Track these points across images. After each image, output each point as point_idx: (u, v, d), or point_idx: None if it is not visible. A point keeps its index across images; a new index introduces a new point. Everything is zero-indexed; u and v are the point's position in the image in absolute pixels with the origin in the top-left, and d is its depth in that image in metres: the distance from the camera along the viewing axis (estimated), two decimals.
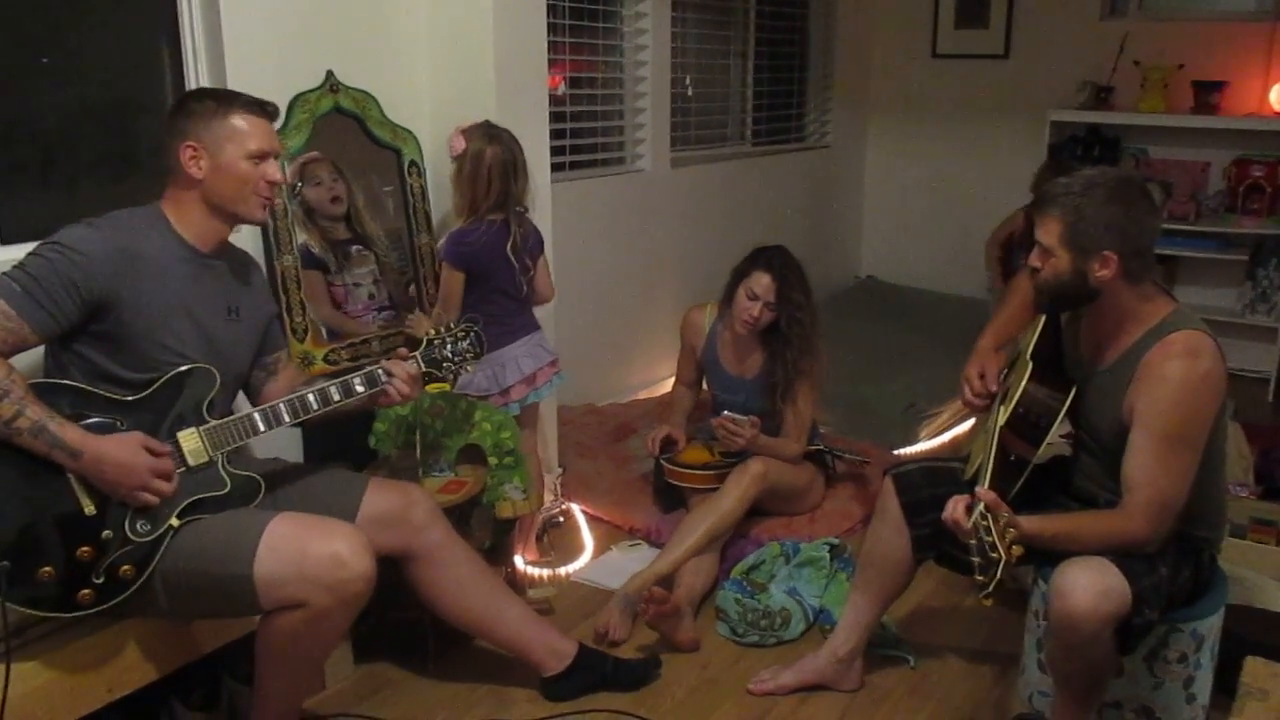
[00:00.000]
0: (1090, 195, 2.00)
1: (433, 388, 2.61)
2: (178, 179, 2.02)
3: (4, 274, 1.86)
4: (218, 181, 2.00)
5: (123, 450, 1.87)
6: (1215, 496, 2.17)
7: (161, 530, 1.93)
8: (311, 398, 2.07)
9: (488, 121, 2.87)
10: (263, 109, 2.05)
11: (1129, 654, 2.11)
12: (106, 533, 1.88)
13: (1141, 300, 2.06)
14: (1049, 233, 2.04)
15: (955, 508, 1.89)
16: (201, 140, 1.98)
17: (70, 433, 1.83)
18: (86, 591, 1.86)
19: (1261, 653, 1.91)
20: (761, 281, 2.99)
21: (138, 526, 1.90)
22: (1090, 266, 2.01)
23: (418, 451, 2.66)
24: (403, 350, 2.24)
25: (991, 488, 1.92)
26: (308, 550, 1.92)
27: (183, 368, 1.98)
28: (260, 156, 2.02)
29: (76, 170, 2.49)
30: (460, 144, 2.83)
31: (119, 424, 1.91)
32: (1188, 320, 2.03)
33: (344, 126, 2.88)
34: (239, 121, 2.00)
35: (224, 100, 2.02)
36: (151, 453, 1.89)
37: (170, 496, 1.93)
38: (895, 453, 3.71)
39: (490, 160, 2.80)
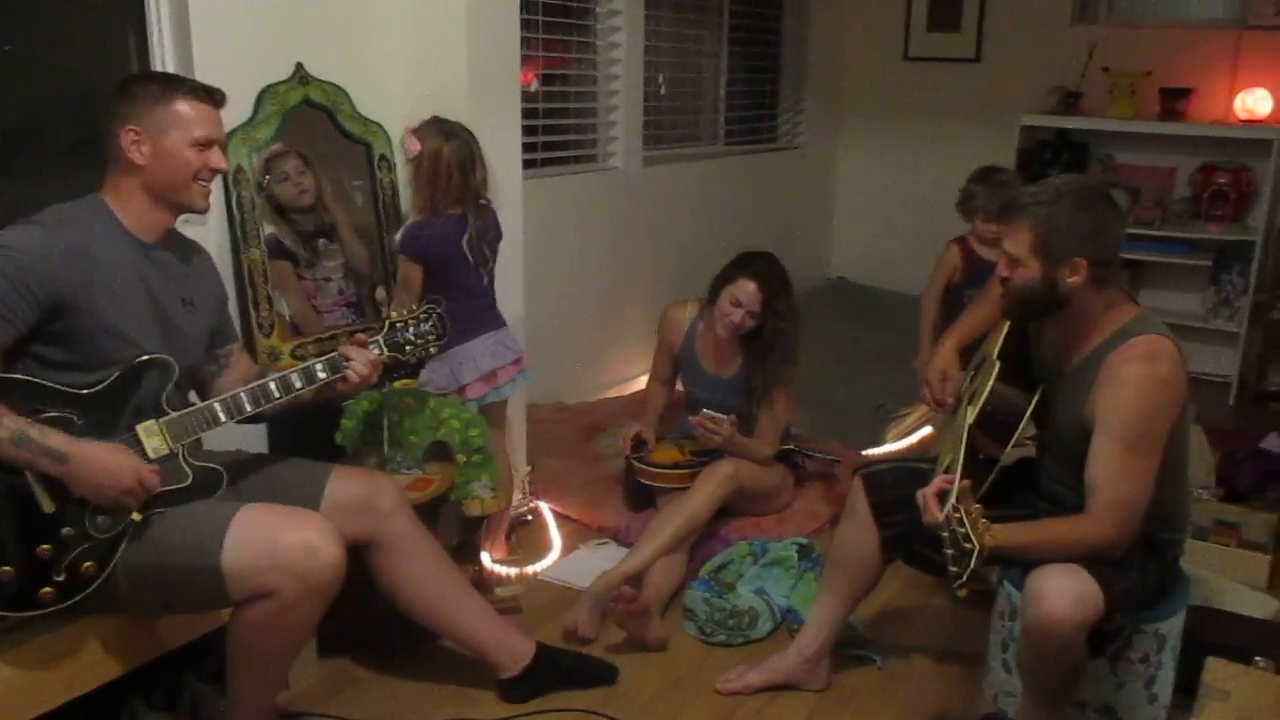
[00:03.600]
0: (1059, 204, 2.02)
1: (399, 384, 2.60)
2: (119, 166, 1.96)
3: None
4: (160, 168, 1.95)
5: (112, 455, 1.84)
6: (1178, 499, 2.19)
7: (123, 525, 1.89)
8: (273, 385, 2.04)
9: (437, 117, 2.85)
10: (209, 95, 2.00)
11: (1098, 657, 2.12)
12: (66, 530, 1.84)
13: (1107, 305, 2.08)
14: (1018, 243, 2.05)
15: (927, 497, 1.89)
16: (144, 125, 1.93)
17: (54, 438, 1.80)
18: (47, 589, 1.83)
19: (1222, 653, 1.93)
20: (747, 289, 3.00)
21: (98, 522, 1.87)
22: (1060, 274, 2.02)
23: (385, 448, 2.64)
24: (361, 336, 2.19)
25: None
26: (277, 539, 1.90)
27: (139, 359, 1.94)
28: (205, 144, 1.98)
29: (42, 161, 2.45)
30: (415, 145, 2.81)
31: (75, 419, 1.87)
32: (1149, 324, 2.06)
33: (314, 119, 2.86)
34: (183, 107, 1.96)
35: (169, 84, 1.98)
36: None
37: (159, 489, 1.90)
38: (863, 453, 3.72)
39: (448, 157, 2.79)
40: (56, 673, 1.92)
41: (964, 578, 1.71)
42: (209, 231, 2.53)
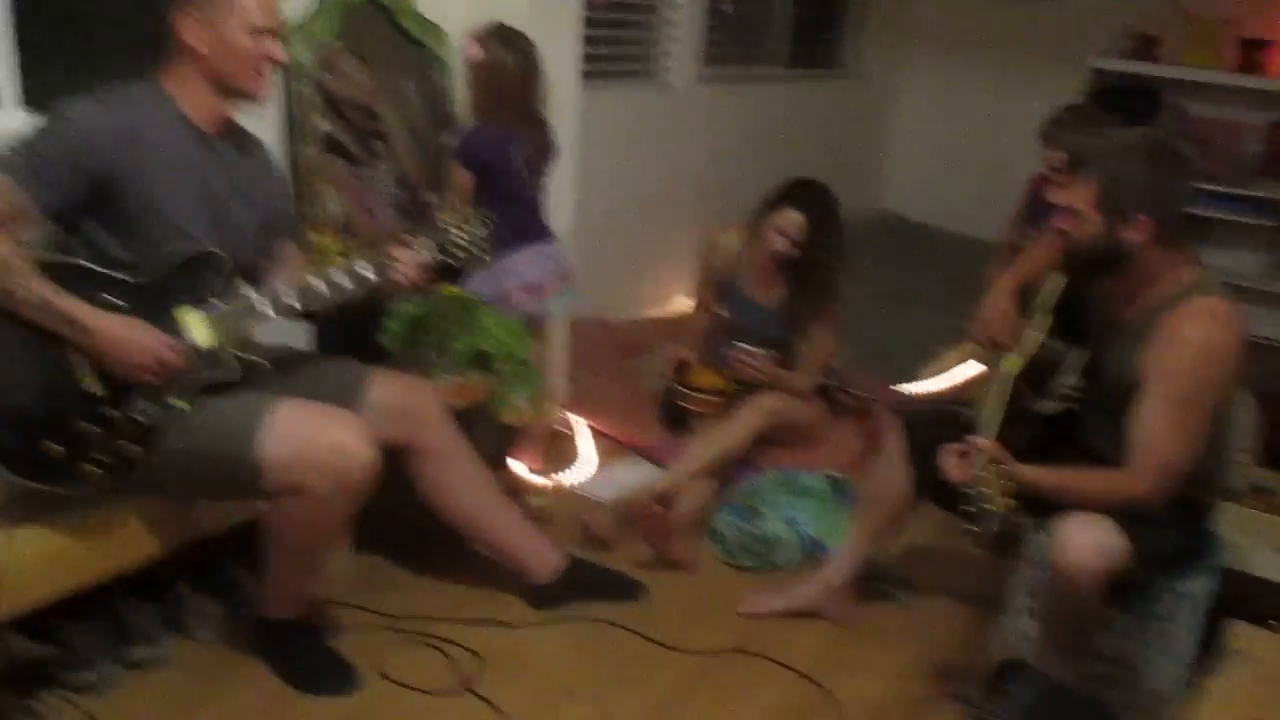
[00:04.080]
0: (1128, 159, 1.96)
1: (447, 290, 2.61)
2: (176, 51, 1.96)
3: (9, 149, 1.83)
4: (217, 55, 1.94)
5: (130, 330, 1.86)
6: (1218, 462, 2.17)
7: (166, 411, 1.93)
8: (321, 284, 2.04)
9: (501, 25, 2.81)
10: None
11: (1121, 609, 2.13)
12: (112, 411, 1.88)
13: (1168, 264, 2.03)
14: (1081, 196, 2.00)
15: (949, 456, 1.89)
16: (202, 10, 1.92)
17: (79, 308, 1.82)
18: (91, 467, 1.88)
19: (1248, 617, 1.94)
20: (793, 220, 2.96)
21: (143, 406, 1.91)
22: (1123, 231, 1.98)
23: (429, 353, 2.66)
24: (407, 236, 2.17)
25: (1000, 437, 1.92)
26: (312, 436, 1.92)
27: (191, 250, 1.96)
28: (262, 33, 1.96)
29: (94, 54, 2.44)
30: (476, 52, 2.78)
31: (124, 306, 1.89)
32: (1211, 287, 2.01)
33: (374, 18, 2.83)
34: None
35: None
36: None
37: (178, 376, 1.92)
38: (898, 389, 3.71)
39: (508, 66, 2.75)
40: (99, 549, 1.98)
41: (983, 538, 1.71)
42: (264, 125, 2.52)
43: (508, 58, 2.76)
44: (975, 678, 2.32)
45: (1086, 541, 1.95)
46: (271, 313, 2.01)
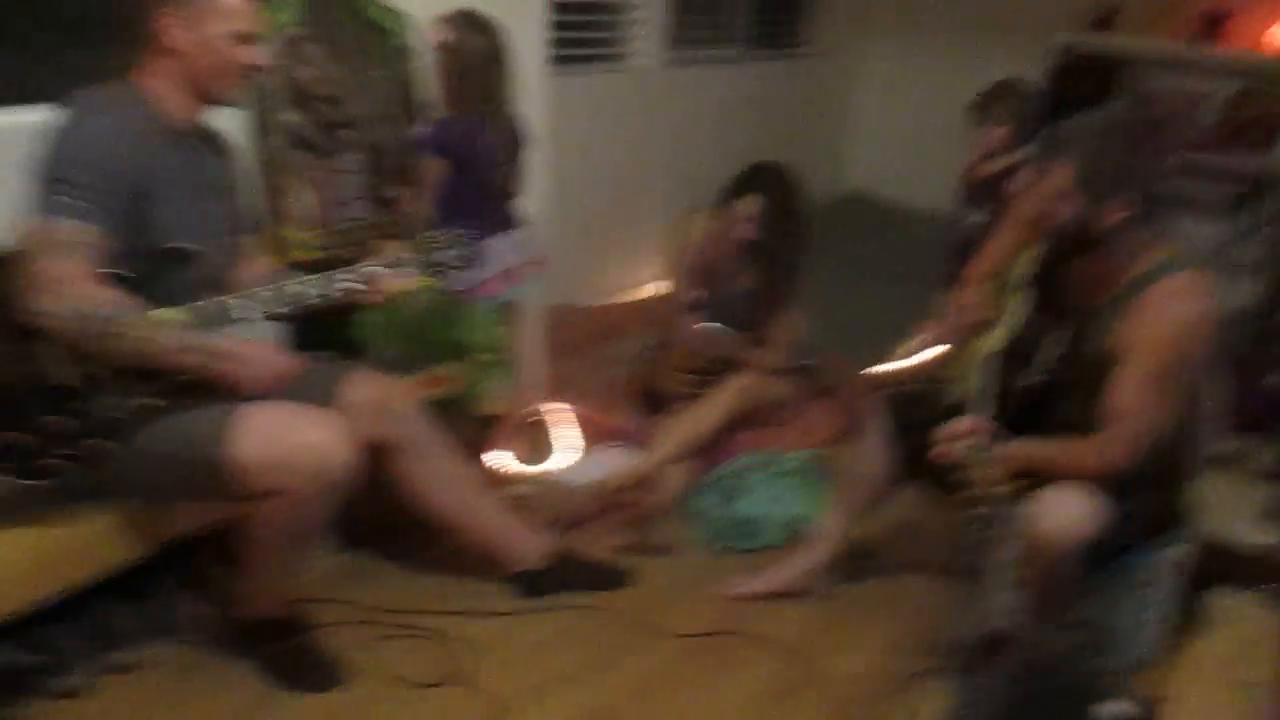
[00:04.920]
0: (1105, 141, 1.98)
1: (419, 283, 2.58)
2: (153, 49, 1.92)
3: (52, 197, 1.78)
4: (196, 58, 1.91)
5: (259, 348, 1.95)
6: (1193, 431, 2.20)
7: (135, 408, 1.90)
8: (299, 288, 2.02)
9: (465, 10, 2.78)
10: None
11: (1098, 576, 2.16)
12: (79, 405, 1.84)
13: (1143, 240, 2.05)
14: (1061, 179, 2.00)
15: (945, 434, 1.90)
16: (184, 12, 1.89)
17: (215, 340, 1.89)
18: (56, 461, 1.83)
19: (1226, 583, 1.97)
20: (751, 205, 2.96)
21: (114, 401, 1.87)
22: (1104, 212, 1.99)
23: (402, 346, 2.64)
24: (397, 247, 2.16)
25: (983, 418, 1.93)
26: (286, 437, 1.90)
27: (164, 246, 1.92)
28: (244, 39, 1.94)
29: (60, 34, 2.39)
30: (440, 34, 2.75)
31: None
32: (1186, 260, 2.04)
33: (336, 4, 2.77)
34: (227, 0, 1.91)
35: None
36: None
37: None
38: (869, 371, 3.72)
39: (472, 51, 2.73)
40: (80, 552, 1.96)
41: (980, 517, 1.72)
42: (230, 121, 2.48)
43: (475, 42, 2.73)
44: (959, 650, 2.34)
45: (1061, 511, 1.98)
46: (239, 315, 1.97)
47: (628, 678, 2.24)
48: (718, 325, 3.01)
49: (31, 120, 1.88)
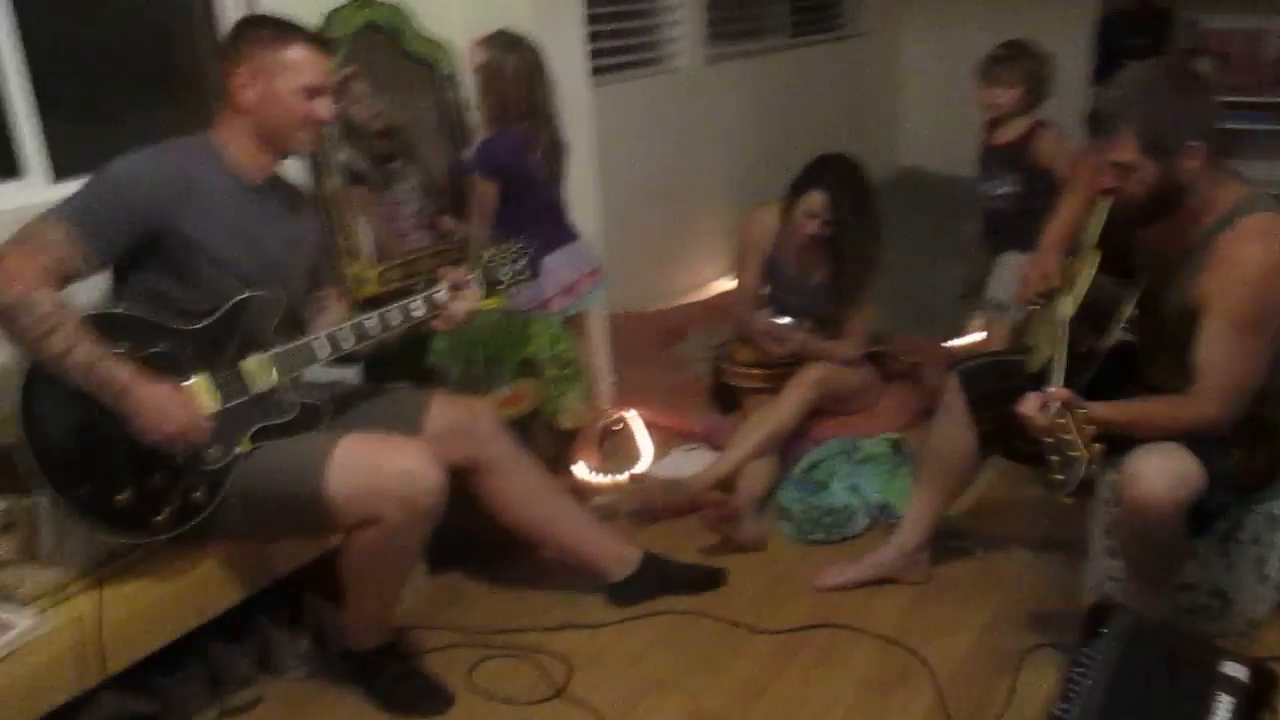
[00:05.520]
0: (1155, 95, 1.92)
1: (487, 303, 2.62)
2: (228, 106, 2.00)
3: (59, 204, 1.86)
4: (268, 112, 1.98)
5: (167, 398, 1.84)
6: None
7: (230, 456, 1.96)
8: (372, 323, 2.08)
9: (502, 30, 2.82)
10: (322, 44, 2.02)
11: (1203, 537, 2.11)
12: (178, 459, 1.90)
13: (1215, 185, 1.99)
14: (1126, 149, 1.93)
15: (1030, 405, 1.86)
16: (255, 68, 1.95)
17: (119, 371, 1.80)
18: (161, 516, 1.90)
19: None
20: (818, 201, 2.95)
21: (208, 453, 1.93)
22: (1178, 165, 1.93)
23: (478, 367, 2.67)
24: (459, 273, 2.19)
25: (1065, 381, 1.90)
26: (379, 466, 1.94)
27: (244, 294, 1.98)
28: (313, 92, 1.99)
29: (116, 102, 2.47)
30: (478, 57, 2.79)
31: (183, 353, 1.92)
32: (1261, 203, 1.97)
33: (378, 41, 2.84)
34: (295, 54, 1.96)
35: (282, 29, 1.98)
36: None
37: (207, 443, 1.92)
38: (945, 345, 3.68)
39: (511, 70, 2.77)
40: (189, 598, 2.01)
41: (1071, 486, 1.68)
42: (288, 162, 2.54)
43: (512, 61, 2.77)
44: (1065, 623, 2.30)
45: (1158, 473, 1.93)
46: (324, 352, 2.03)
47: (730, 679, 2.24)
48: (789, 319, 2.99)
49: None
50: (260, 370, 1.99)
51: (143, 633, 1.94)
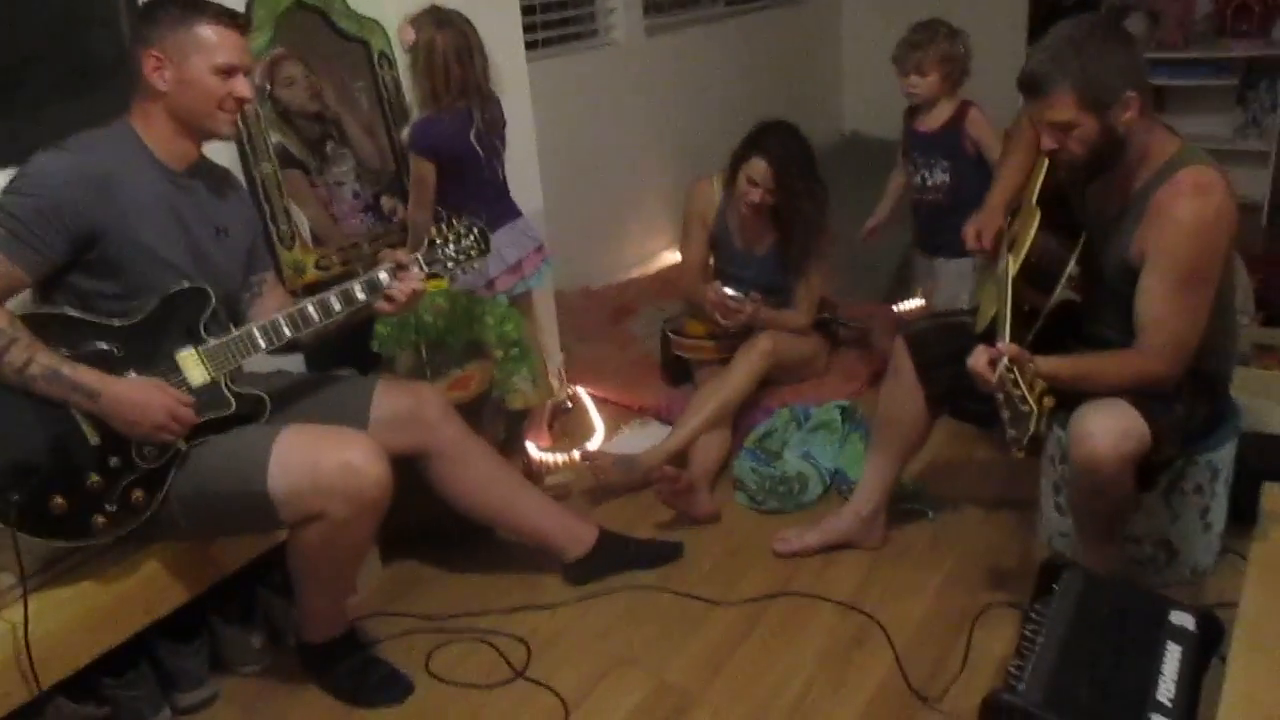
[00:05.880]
0: (1085, 50, 1.92)
1: (431, 286, 2.58)
2: (143, 91, 1.92)
3: None
4: (183, 95, 1.91)
5: (142, 390, 1.84)
6: (1227, 330, 2.17)
7: (170, 455, 1.91)
8: (311, 309, 2.02)
9: (433, 6, 2.76)
10: (233, 20, 1.94)
11: (1149, 490, 2.14)
12: (114, 460, 1.86)
13: (1149, 137, 2.01)
14: (1063, 106, 1.94)
15: (979, 359, 1.87)
16: (166, 50, 1.88)
17: (86, 375, 1.80)
18: (100, 519, 1.86)
19: (1274, 477, 1.94)
20: (759, 168, 2.92)
21: (145, 452, 1.88)
22: (1117, 117, 1.94)
23: (423, 352, 2.64)
24: (401, 254, 2.14)
25: (1012, 337, 1.91)
26: (319, 461, 1.90)
27: (175, 288, 1.93)
28: (229, 71, 1.92)
29: (34, 93, 2.38)
30: (410, 35, 2.73)
31: (115, 352, 1.87)
32: (1194, 156, 1.99)
33: (307, 22, 2.76)
34: (205, 31, 1.90)
35: (190, 8, 1.91)
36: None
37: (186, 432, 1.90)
38: (895, 309, 3.70)
39: (442, 48, 2.71)
40: (134, 599, 1.97)
41: (1023, 441, 1.70)
42: (217, 148, 2.47)
43: (445, 38, 2.71)
44: (1018, 582, 2.33)
45: (1105, 430, 1.95)
46: (262, 342, 1.98)
47: (690, 652, 2.24)
48: (738, 291, 2.98)
49: None
50: (197, 364, 1.94)
51: (87, 637, 1.90)
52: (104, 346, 1.86)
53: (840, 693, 2.09)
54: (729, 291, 2.98)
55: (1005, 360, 1.75)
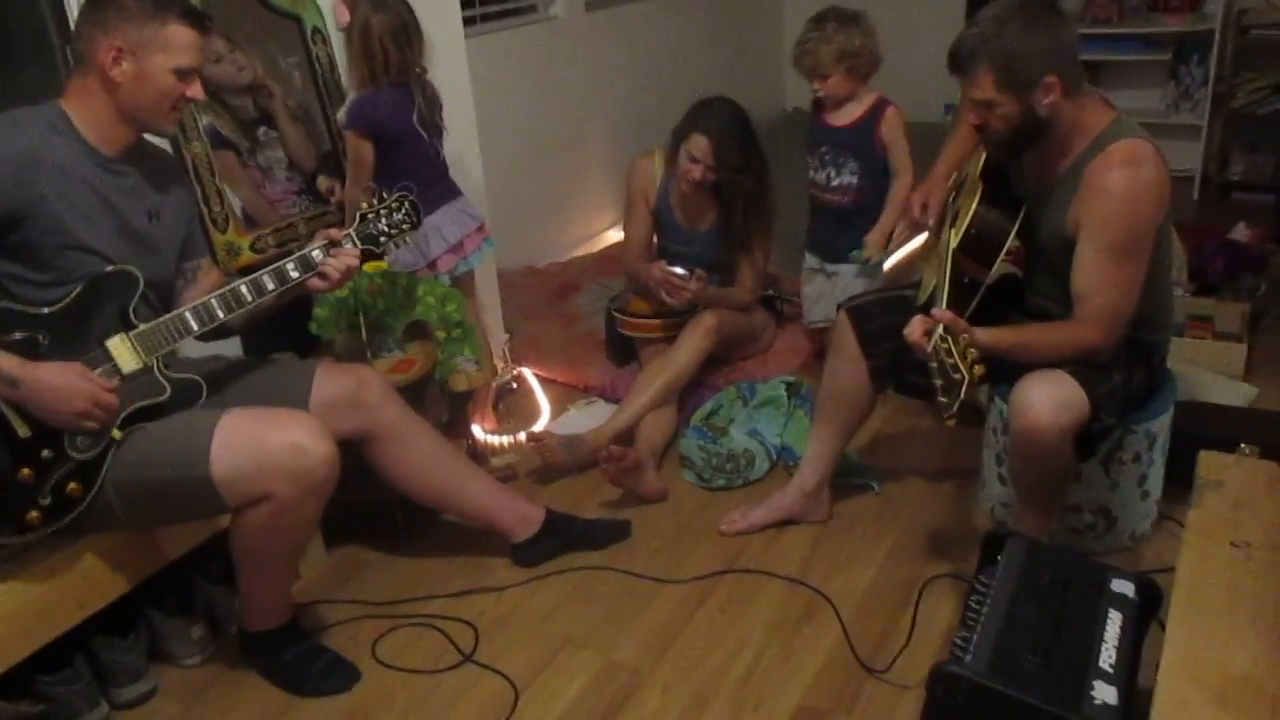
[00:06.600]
0: (1007, 31, 1.94)
1: (370, 266, 2.53)
2: (90, 77, 1.85)
3: None
4: (137, 89, 1.85)
5: (62, 376, 1.77)
6: (1162, 300, 2.21)
7: (104, 444, 1.86)
8: (244, 289, 1.97)
9: None
10: (200, 21, 1.88)
11: (1088, 459, 2.17)
12: (46, 452, 1.80)
13: (1080, 112, 2.03)
14: (983, 86, 1.98)
15: (915, 328, 1.88)
16: (129, 42, 1.82)
17: (5, 361, 1.73)
18: (34, 513, 1.80)
19: (1210, 444, 1.98)
20: (700, 145, 2.89)
21: (78, 443, 1.83)
22: (1036, 100, 1.97)
23: (363, 334, 2.59)
24: (334, 231, 2.10)
25: (950, 308, 1.92)
26: (264, 442, 1.86)
27: (98, 271, 1.87)
28: (188, 73, 1.87)
29: None
30: (344, 15, 2.68)
31: (40, 340, 1.81)
32: (1127, 129, 2.02)
33: None
34: (174, 33, 1.84)
35: (162, 4, 1.84)
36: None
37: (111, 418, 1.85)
38: None
39: (379, 28, 2.66)
40: (68, 593, 1.92)
41: (953, 408, 1.71)
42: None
43: (380, 16, 2.66)
44: (962, 552, 2.36)
45: (1045, 401, 1.98)
46: (194, 324, 1.93)
47: (639, 631, 2.24)
48: (682, 269, 2.96)
49: None
50: (128, 349, 1.88)
51: (18, 635, 1.84)
52: (29, 334, 1.80)
53: (788, 665, 2.10)
54: (674, 269, 2.96)
55: (940, 328, 1.75)
